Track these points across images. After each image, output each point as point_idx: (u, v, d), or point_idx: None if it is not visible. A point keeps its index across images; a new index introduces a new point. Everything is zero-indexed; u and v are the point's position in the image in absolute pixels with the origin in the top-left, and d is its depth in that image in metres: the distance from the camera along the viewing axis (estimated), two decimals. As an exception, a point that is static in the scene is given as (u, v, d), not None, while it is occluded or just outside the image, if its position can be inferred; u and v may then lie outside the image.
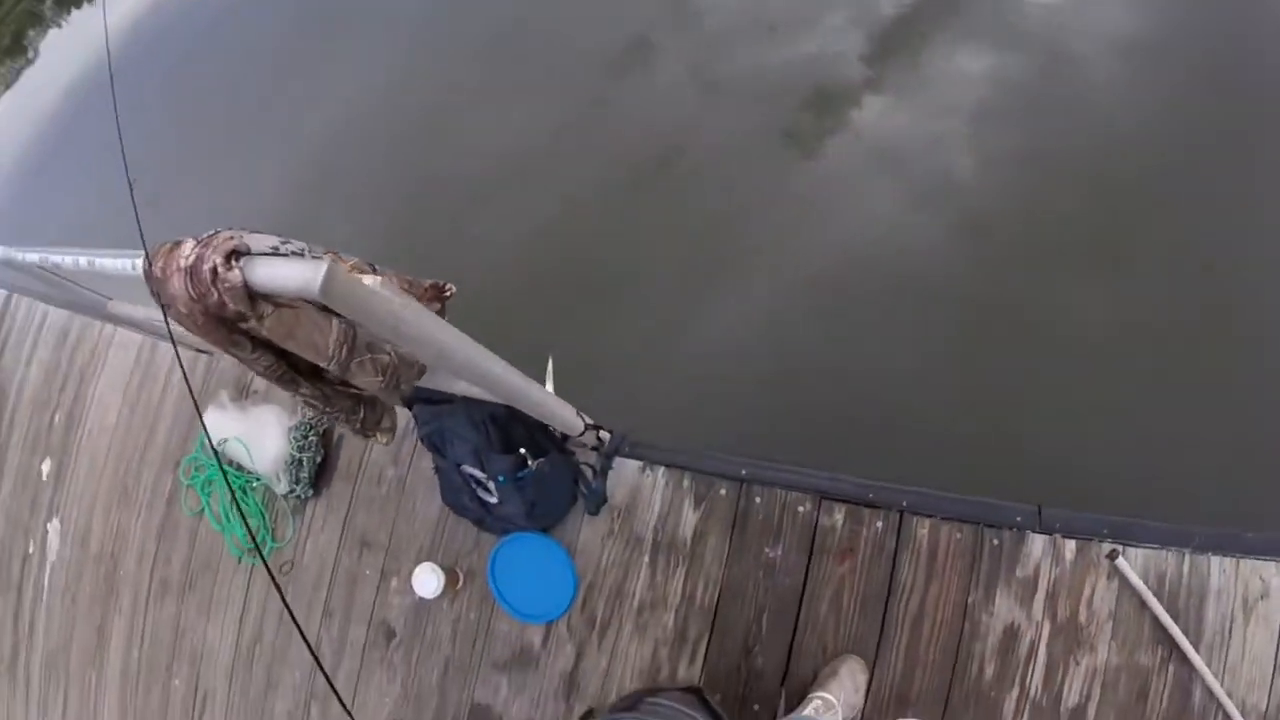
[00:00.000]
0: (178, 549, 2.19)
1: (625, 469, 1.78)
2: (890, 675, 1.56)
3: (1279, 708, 1.37)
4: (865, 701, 1.51)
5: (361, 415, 1.35)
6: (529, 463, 1.69)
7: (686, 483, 1.72)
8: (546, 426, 1.71)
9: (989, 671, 1.52)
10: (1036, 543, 1.52)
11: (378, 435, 1.47)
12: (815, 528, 1.61)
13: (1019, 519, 1.53)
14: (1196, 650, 1.39)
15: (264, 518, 2.06)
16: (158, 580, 2.19)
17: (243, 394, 2.21)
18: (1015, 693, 1.51)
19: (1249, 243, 2.30)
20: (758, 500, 1.66)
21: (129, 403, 2.43)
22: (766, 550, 1.64)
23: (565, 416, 1.66)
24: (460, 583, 1.90)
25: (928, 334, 2.41)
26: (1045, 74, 2.80)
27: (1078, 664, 1.48)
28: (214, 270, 0.81)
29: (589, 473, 1.78)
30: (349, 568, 1.99)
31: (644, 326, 2.79)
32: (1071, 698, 1.48)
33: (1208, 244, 2.34)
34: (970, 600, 1.53)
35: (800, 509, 1.63)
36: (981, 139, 2.75)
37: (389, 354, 1.08)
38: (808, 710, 1.39)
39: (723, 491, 1.69)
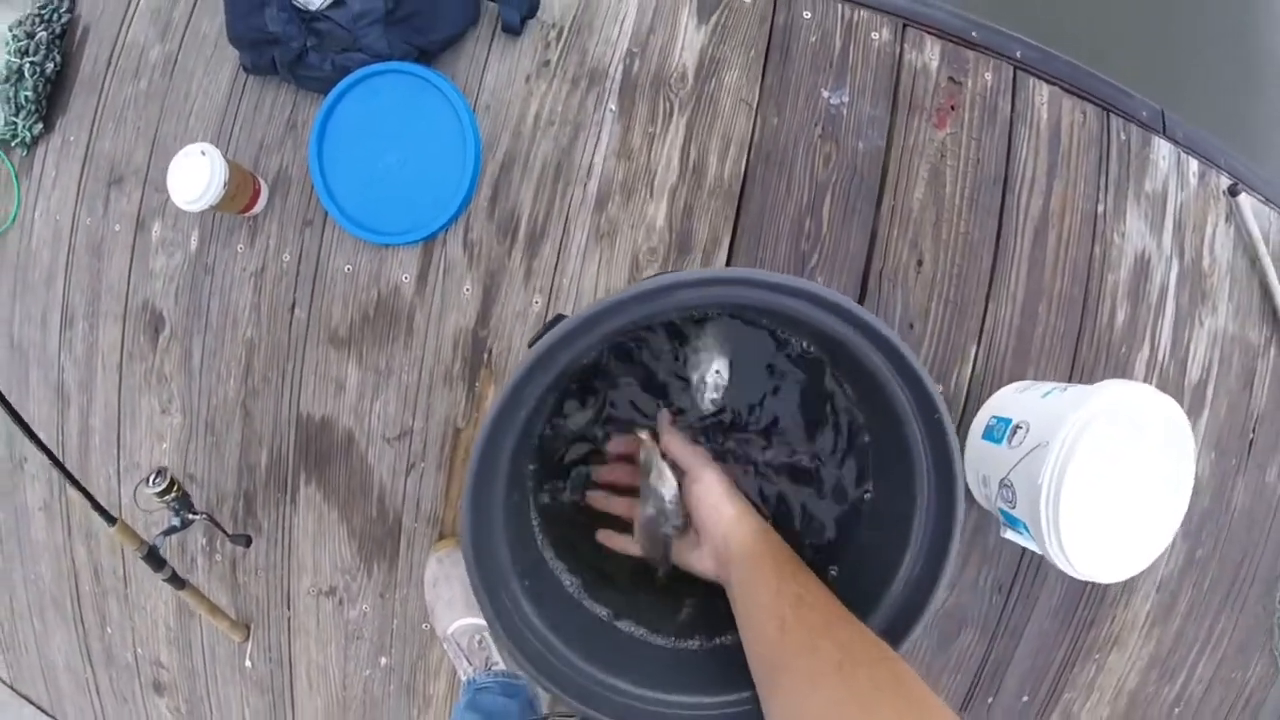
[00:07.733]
0: None
1: (565, -47, 0.93)
2: (1009, 311, 0.95)
3: None
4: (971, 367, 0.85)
5: None
6: None
7: (682, -23, 0.93)
8: None
9: (1120, 318, 1.00)
10: (1163, 149, 1.05)
11: None
12: (899, 66, 0.94)
13: (1144, 114, 1.05)
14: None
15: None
16: None
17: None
18: (1145, 353, 1.01)
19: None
20: (806, 15, 0.94)
21: None
22: (824, 93, 0.92)
23: None
24: (260, 197, 0.93)
25: None
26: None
27: (1201, 325, 1.06)
28: None
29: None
30: (92, 231, 1.11)
31: None
32: (1194, 370, 1.05)
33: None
34: (1100, 210, 1.00)
35: (874, 36, 0.94)
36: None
37: None
38: None
39: (748, 0, 0.93)
